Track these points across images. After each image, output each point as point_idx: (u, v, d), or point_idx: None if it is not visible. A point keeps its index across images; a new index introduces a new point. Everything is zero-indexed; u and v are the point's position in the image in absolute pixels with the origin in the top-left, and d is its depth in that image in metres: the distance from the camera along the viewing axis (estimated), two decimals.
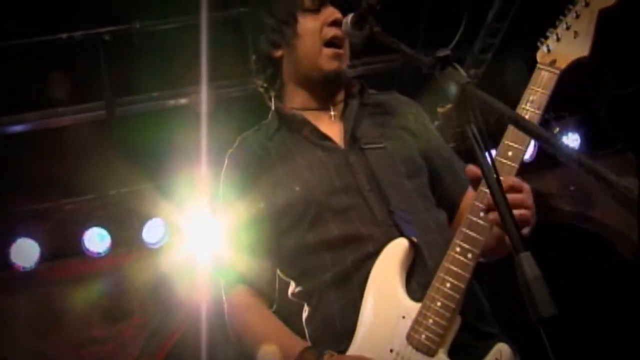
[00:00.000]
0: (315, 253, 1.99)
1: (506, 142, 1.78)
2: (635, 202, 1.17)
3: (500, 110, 1.33)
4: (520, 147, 1.77)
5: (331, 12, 2.13)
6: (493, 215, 1.66)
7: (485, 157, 1.36)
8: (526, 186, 1.73)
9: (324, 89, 2.17)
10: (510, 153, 1.77)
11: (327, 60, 2.11)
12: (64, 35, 4.27)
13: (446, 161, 2.21)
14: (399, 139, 2.14)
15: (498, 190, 1.32)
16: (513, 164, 1.75)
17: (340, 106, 2.19)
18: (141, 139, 5.06)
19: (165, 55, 4.64)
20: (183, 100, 5.17)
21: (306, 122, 2.12)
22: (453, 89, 1.42)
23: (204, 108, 4.77)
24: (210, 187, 1.88)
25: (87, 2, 4.19)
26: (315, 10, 2.15)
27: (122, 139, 4.98)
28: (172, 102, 5.14)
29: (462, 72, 1.45)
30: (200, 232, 5.31)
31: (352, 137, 2.08)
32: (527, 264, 1.20)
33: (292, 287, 2.10)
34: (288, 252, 2.06)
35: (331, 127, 2.13)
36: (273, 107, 2.25)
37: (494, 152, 1.51)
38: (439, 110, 1.67)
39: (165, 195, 5.47)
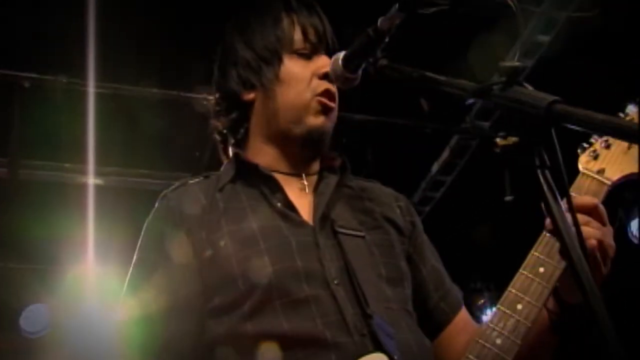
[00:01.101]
0: (251, 350, 1.47)
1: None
2: None
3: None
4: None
5: (324, 63, 1.73)
6: None
7: (560, 210, 1.05)
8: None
9: (301, 151, 1.76)
10: None
11: (314, 114, 1.71)
12: None
13: (435, 274, 1.79)
14: (383, 232, 1.72)
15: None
16: None
17: (314, 178, 1.77)
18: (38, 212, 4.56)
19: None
20: (98, 181, 4.74)
21: (275, 184, 1.69)
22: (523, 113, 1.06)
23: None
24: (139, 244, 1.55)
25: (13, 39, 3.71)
26: (307, 55, 1.77)
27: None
28: (82, 179, 4.65)
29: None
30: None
31: (324, 216, 1.65)
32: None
33: None
34: (212, 342, 1.54)
35: (300, 199, 1.70)
36: (230, 154, 1.80)
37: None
38: (499, 142, 1.24)
39: (51, 281, 5.03)
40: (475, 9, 3.57)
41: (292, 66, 1.74)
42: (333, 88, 1.71)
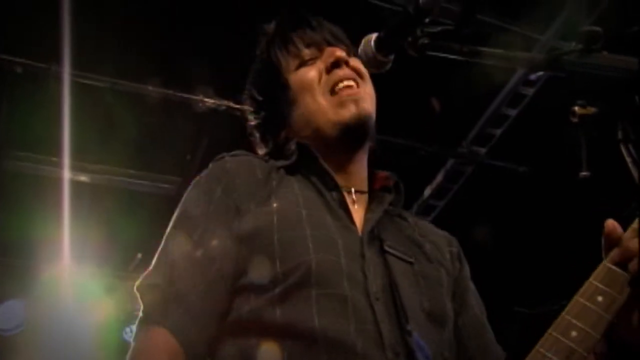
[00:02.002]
0: (272, 340, 1.36)
1: None
2: None
3: None
4: None
5: (330, 52, 1.65)
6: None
7: None
8: None
9: (346, 150, 1.64)
10: None
11: (339, 109, 1.60)
12: None
13: (477, 325, 1.65)
14: (432, 268, 1.59)
15: None
16: None
17: (364, 197, 1.65)
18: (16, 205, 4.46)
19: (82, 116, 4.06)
20: (83, 177, 4.64)
21: (333, 182, 1.58)
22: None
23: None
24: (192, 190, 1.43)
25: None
26: (308, 61, 1.69)
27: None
28: (69, 174, 4.52)
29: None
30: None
31: (373, 231, 1.54)
32: None
33: None
34: (234, 322, 1.42)
35: (352, 210, 1.58)
36: (294, 145, 1.68)
37: None
38: (577, 111, 1.11)
39: (27, 277, 4.89)
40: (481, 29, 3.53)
41: (298, 79, 1.67)
42: (346, 72, 1.61)
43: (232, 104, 4.13)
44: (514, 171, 5.17)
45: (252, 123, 1.77)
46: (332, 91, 1.62)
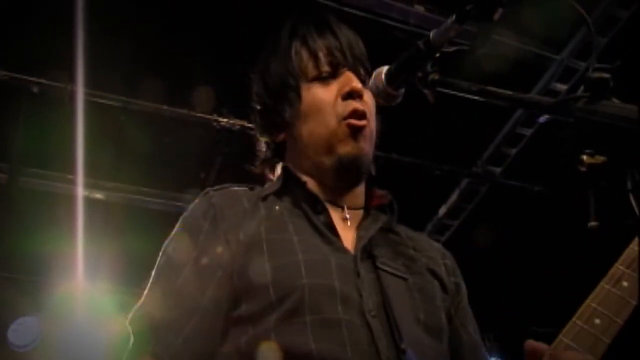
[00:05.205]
0: None
1: None
2: None
3: None
4: None
5: (348, 80, 1.63)
6: None
7: None
8: None
9: (337, 182, 1.64)
10: None
11: (343, 141, 1.59)
12: None
13: (472, 341, 1.65)
14: (426, 281, 1.59)
15: None
16: None
17: (358, 213, 1.65)
18: (31, 222, 4.47)
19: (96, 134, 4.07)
20: (97, 195, 4.64)
21: (320, 205, 1.58)
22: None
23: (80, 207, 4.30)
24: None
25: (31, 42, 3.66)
26: (326, 78, 1.65)
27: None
28: (83, 192, 4.52)
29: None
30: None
31: (365, 249, 1.53)
32: None
33: None
34: (233, 351, 1.42)
35: (342, 229, 1.58)
36: (279, 170, 1.70)
37: None
38: (586, 160, 1.09)
39: (41, 293, 4.85)
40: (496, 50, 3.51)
41: (311, 96, 1.63)
42: (361, 106, 1.59)
43: (246, 124, 4.13)
44: (528, 191, 5.12)
45: (257, 107, 1.74)
46: (342, 120, 1.60)
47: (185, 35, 3.85)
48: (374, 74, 1.40)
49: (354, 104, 1.59)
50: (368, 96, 1.61)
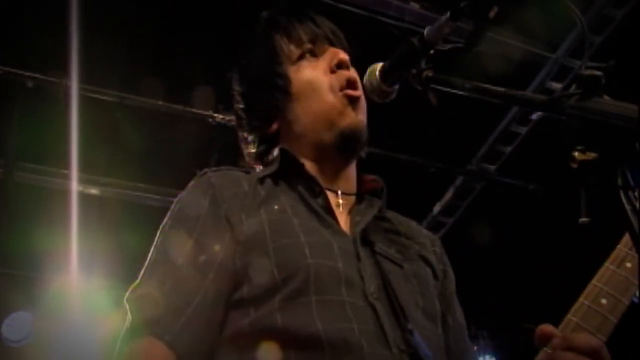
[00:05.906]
0: (275, 349, 1.33)
1: None
2: None
3: None
4: None
5: (334, 53, 1.63)
6: None
7: None
8: None
9: (338, 158, 1.63)
10: None
11: (343, 112, 1.59)
12: None
13: (461, 329, 1.67)
14: (419, 267, 1.60)
15: None
16: None
17: (351, 199, 1.64)
18: (26, 217, 4.46)
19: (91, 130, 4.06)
20: (92, 190, 4.65)
21: (318, 187, 1.57)
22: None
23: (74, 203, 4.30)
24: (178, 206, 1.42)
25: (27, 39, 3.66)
26: (312, 54, 1.66)
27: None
28: (78, 187, 4.52)
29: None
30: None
31: (362, 234, 1.53)
32: None
33: None
34: (234, 334, 1.39)
35: (337, 214, 1.57)
36: (277, 151, 1.67)
37: None
38: (577, 157, 1.09)
39: (35, 289, 4.87)
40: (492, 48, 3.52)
41: (301, 75, 1.63)
42: (353, 74, 1.59)
43: None
44: (523, 188, 5.14)
45: (240, 106, 1.72)
46: (338, 92, 1.59)
47: (183, 32, 3.85)
48: (369, 70, 1.39)
49: (346, 73, 1.60)
50: (355, 72, 1.61)
